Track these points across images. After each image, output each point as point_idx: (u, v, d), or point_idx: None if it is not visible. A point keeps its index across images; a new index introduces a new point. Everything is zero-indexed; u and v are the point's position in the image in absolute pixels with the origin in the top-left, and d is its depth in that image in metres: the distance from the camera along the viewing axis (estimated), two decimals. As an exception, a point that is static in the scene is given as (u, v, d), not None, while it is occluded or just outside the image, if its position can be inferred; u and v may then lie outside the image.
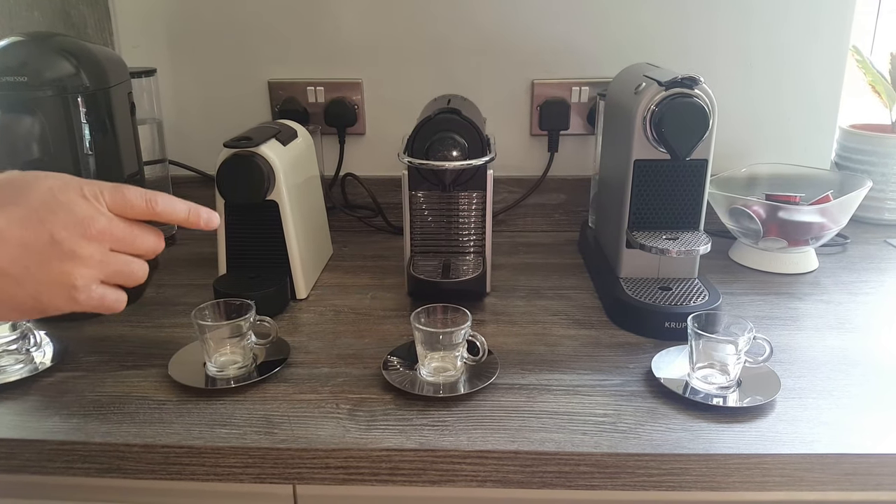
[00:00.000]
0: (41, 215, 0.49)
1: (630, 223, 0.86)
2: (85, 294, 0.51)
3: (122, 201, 0.53)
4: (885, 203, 1.16)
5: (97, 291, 0.52)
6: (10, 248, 0.48)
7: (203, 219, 0.58)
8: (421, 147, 0.85)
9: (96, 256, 0.51)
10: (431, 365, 0.72)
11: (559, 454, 0.61)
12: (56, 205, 0.50)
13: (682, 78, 0.79)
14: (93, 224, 0.51)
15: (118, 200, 0.53)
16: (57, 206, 0.50)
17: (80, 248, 0.50)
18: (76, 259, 0.50)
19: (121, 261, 0.53)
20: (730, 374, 0.68)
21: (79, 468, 0.64)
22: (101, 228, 0.51)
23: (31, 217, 0.49)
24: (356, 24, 1.14)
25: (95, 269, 0.52)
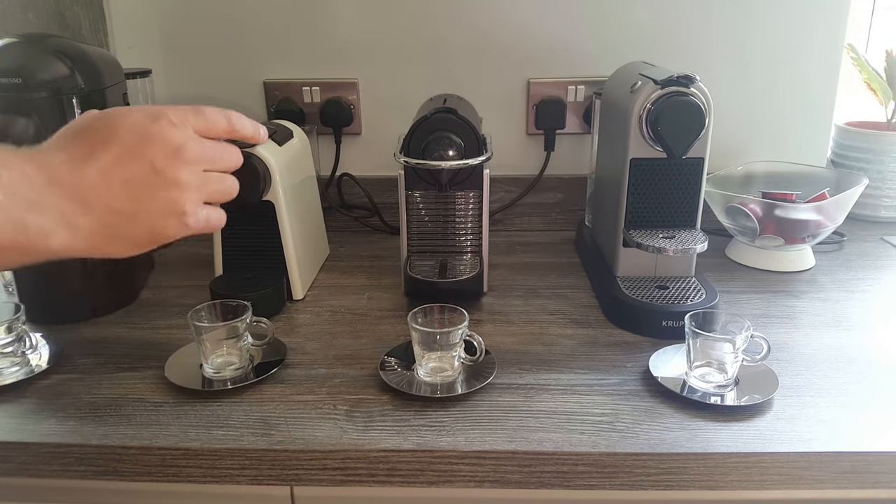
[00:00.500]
0: (138, 149, 0.49)
1: (627, 222, 0.86)
2: (193, 218, 0.52)
3: (205, 123, 0.54)
4: (881, 200, 1.16)
5: (203, 213, 0.54)
6: (116, 187, 0.48)
7: (261, 134, 0.61)
8: (417, 147, 0.85)
9: (196, 180, 0.52)
10: (429, 365, 0.71)
11: (557, 454, 0.61)
12: (149, 136, 0.50)
13: (677, 76, 0.79)
14: (187, 149, 0.51)
15: (202, 122, 0.54)
16: (150, 137, 0.50)
17: (181, 174, 0.51)
18: (180, 185, 0.51)
19: (216, 179, 0.55)
20: (727, 373, 0.68)
21: (75, 471, 0.64)
22: (196, 152, 0.52)
23: (128, 152, 0.49)
24: (352, 24, 1.14)
25: (198, 192, 0.53)
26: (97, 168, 0.48)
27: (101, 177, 0.48)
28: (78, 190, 0.47)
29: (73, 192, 0.47)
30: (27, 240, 0.46)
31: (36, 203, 0.46)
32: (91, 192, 0.48)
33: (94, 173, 0.48)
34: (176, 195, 0.51)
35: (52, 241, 0.47)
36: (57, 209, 0.47)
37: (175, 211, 0.51)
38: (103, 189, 0.48)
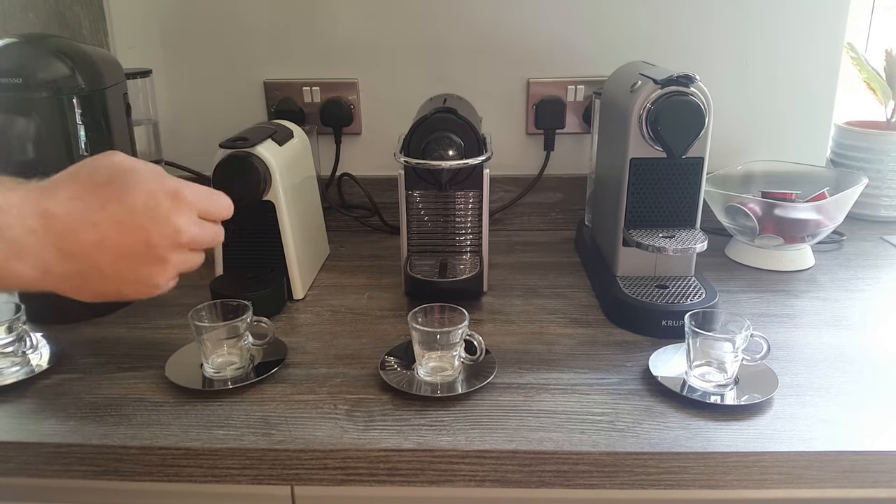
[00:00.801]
0: (141, 221, 0.51)
1: (626, 221, 0.87)
2: (158, 290, 0.55)
3: (214, 211, 0.58)
4: (880, 200, 1.16)
5: (169, 284, 0.57)
6: (108, 248, 0.50)
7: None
8: (417, 146, 0.85)
9: (180, 261, 0.55)
10: (429, 365, 0.71)
11: (557, 453, 0.61)
12: (156, 213, 0.52)
13: (677, 76, 0.79)
14: (185, 234, 0.54)
15: (211, 210, 0.57)
16: (157, 214, 0.52)
17: (170, 255, 0.54)
18: (165, 264, 0.54)
19: (194, 256, 0.58)
20: (727, 372, 0.68)
21: (76, 471, 0.64)
22: (192, 237, 0.55)
23: (132, 221, 0.51)
24: (352, 24, 1.14)
25: (175, 269, 0.56)
26: (97, 230, 0.50)
27: (98, 239, 0.50)
28: (72, 245, 0.49)
29: (67, 247, 0.49)
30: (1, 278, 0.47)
31: (25, 251, 0.47)
32: (83, 251, 0.49)
33: (91, 235, 0.49)
34: (157, 271, 0.54)
35: (22, 280, 0.48)
36: (44, 258, 0.48)
37: (149, 283, 0.54)
38: (95, 251, 0.50)
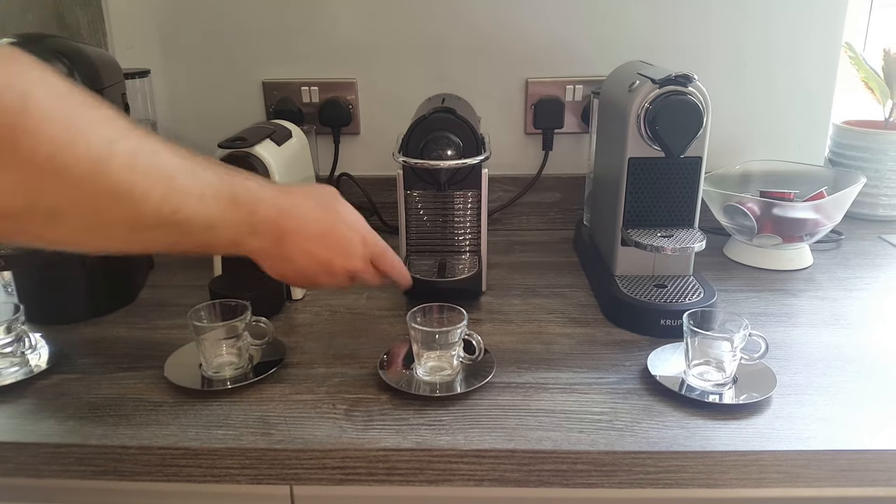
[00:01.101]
0: (334, 245, 0.66)
1: (625, 221, 0.87)
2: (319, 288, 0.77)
3: (380, 258, 0.70)
4: (878, 199, 1.16)
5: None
6: (308, 253, 0.64)
7: (406, 282, 0.75)
8: (416, 146, 0.85)
9: (344, 281, 0.69)
10: (428, 364, 0.72)
11: (556, 452, 0.61)
12: (347, 249, 0.67)
13: (675, 76, 0.79)
14: (357, 265, 0.68)
15: (378, 256, 0.70)
16: (346, 246, 0.67)
17: (340, 275, 0.68)
18: (333, 279, 0.68)
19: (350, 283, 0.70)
20: (725, 371, 0.68)
21: (75, 471, 0.64)
22: (360, 270, 0.69)
23: (328, 241, 0.65)
24: (350, 24, 1.14)
25: (337, 285, 0.69)
26: (307, 238, 0.63)
27: (304, 244, 0.63)
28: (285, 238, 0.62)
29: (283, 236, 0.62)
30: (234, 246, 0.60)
31: (257, 231, 0.60)
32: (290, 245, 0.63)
33: (300, 237, 0.63)
34: (326, 281, 0.67)
35: (243, 249, 0.61)
36: (266, 240, 0.61)
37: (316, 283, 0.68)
38: (299, 250, 0.63)
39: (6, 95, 0.41)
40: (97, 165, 0.46)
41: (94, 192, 0.46)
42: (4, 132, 0.41)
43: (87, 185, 0.46)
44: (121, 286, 0.91)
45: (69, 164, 0.44)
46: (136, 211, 0.49)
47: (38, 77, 0.44)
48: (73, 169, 0.45)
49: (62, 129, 0.44)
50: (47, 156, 0.43)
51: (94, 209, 0.48)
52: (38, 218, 0.46)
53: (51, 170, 0.44)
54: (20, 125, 0.42)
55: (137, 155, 0.48)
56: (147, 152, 0.49)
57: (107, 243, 0.52)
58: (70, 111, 0.45)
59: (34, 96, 0.42)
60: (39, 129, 0.43)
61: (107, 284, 0.89)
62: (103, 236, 0.51)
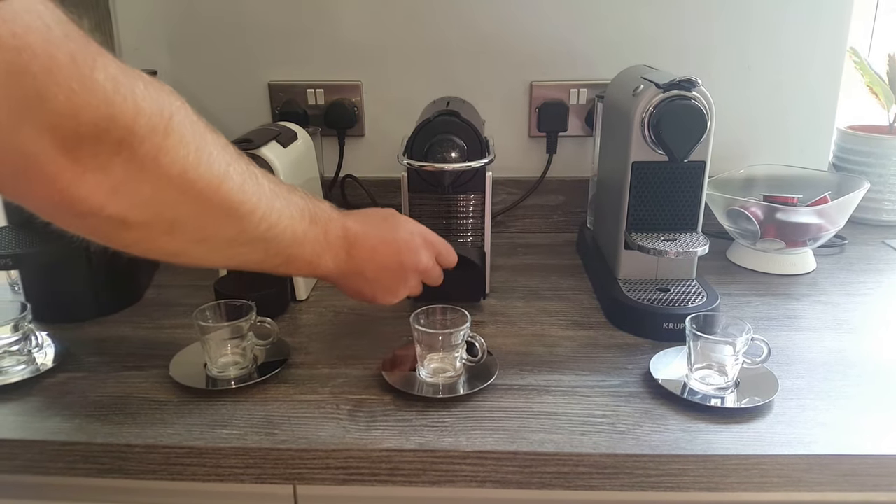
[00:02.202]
0: (400, 249, 0.71)
1: (628, 224, 0.87)
2: (397, 300, 0.74)
3: (443, 255, 0.76)
4: (882, 204, 1.16)
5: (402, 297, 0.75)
6: (376, 261, 0.69)
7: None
8: (420, 149, 0.85)
9: (414, 283, 0.74)
10: (431, 366, 0.72)
11: (558, 455, 0.61)
12: (412, 247, 0.72)
13: (680, 80, 0.80)
14: (426, 265, 0.73)
15: (441, 254, 0.76)
16: (412, 247, 0.72)
17: (411, 277, 0.73)
18: (406, 282, 0.73)
19: (420, 284, 0.76)
20: (728, 375, 0.69)
21: (80, 469, 0.64)
22: (428, 269, 0.74)
23: (394, 246, 0.70)
24: (356, 27, 1.15)
25: (409, 289, 0.74)
26: (374, 249, 0.69)
27: (374, 255, 0.69)
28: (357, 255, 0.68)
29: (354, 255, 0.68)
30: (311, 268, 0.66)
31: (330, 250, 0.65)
32: (361, 260, 0.68)
33: (369, 248, 0.68)
34: (401, 288, 0.73)
35: (320, 270, 0.66)
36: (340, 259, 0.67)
37: (392, 292, 0.73)
38: (369, 262, 0.69)
39: (157, 118, 0.46)
40: (217, 184, 0.52)
41: (211, 207, 0.52)
42: (150, 150, 0.46)
43: (206, 200, 0.52)
44: (126, 286, 0.92)
45: (194, 180, 0.50)
46: (240, 225, 0.55)
47: (179, 104, 0.49)
48: (197, 185, 0.50)
49: (193, 150, 0.49)
50: (179, 173, 0.49)
51: (208, 223, 0.54)
52: (159, 229, 0.51)
53: (179, 186, 0.49)
54: (164, 145, 0.47)
55: (246, 178, 0.55)
56: (252, 176, 0.56)
57: (210, 255, 0.58)
58: (199, 136, 0.50)
59: (175, 120, 0.48)
60: (178, 149, 0.48)
61: (112, 284, 0.89)
62: (209, 248, 0.56)
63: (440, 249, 0.76)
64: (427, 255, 0.73)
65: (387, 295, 0.72)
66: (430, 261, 0.74)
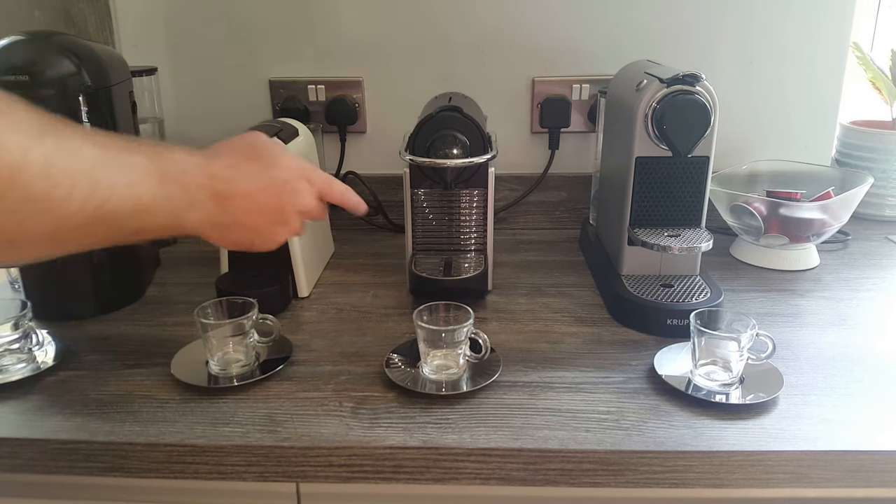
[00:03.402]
0: (279, 191, 0.63)
1: (632, 220, 0.86)
2: (273, 243, 0.66)
3: (328, 190, 0.69)
4: (886, 199, 1.16)
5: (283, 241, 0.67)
6: (252, 207, 0.62)
7: (362, 209, 0.73)
8: (422, 145, 0.85)
9: (298, 225, 0.67)
10: (434, 363, 0.72)
11: (562, 451, 0.61)
12: (291, 189, 0.64)
13: (683, 75, 0.79)
14: (308, 204, 0.66)
15: (325, 189, 0.68)
16: (293, 188, 0.65)
17: (293, 219, 0.66)
18: (287, 225, 0.66)
19: (303, 225, 0.69)
20: (732, 371, 0.68)
21: (82, 467, 0.64)
22: (311, 208, 0.67)
23: (272, 190, 0.63)
24: (357, 23, 1.14)
25: (292, 231, 0.67)
26: (246, 192, 0.61)
27: (246, 199, 0.61)
28: (227, 200, 0.60)
29: (223, 201, 0.60)
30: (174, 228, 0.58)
31: (197, 204, 0.58)
32: (233, 206, 0.61)
33: (242, 195, 0.61)
34: (281, 231, 0.66)
35: (189, 226, 0.59)
36: (207, 210, 0.59)
37: (275, 239, 0.66)
38: (242, 208, 0.61)
39: None
40: (11, 177, 0.44)
41: (10, 204, 0.44)
42: None
43: (2, 199, 0.44)
44: (127, 283, 0.92)
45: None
46: (57, 215, 0.47)
47: None
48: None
49: None
50: None
51: (13, 222, 0.46)
52: None
53: None
54: None
55: (54, 158, 0.46)
56: (66, 151, 0.48)
57: (29, 252, 0.50)
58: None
59: None
60: None
61: (114, 282, 0.89)
62: (23, 246, 0.49)
63: (321, 186, 0.68)
64: (309, 194, 0.66)
65: (267, 241, 0.66)
66: (312, 200, 0.67)
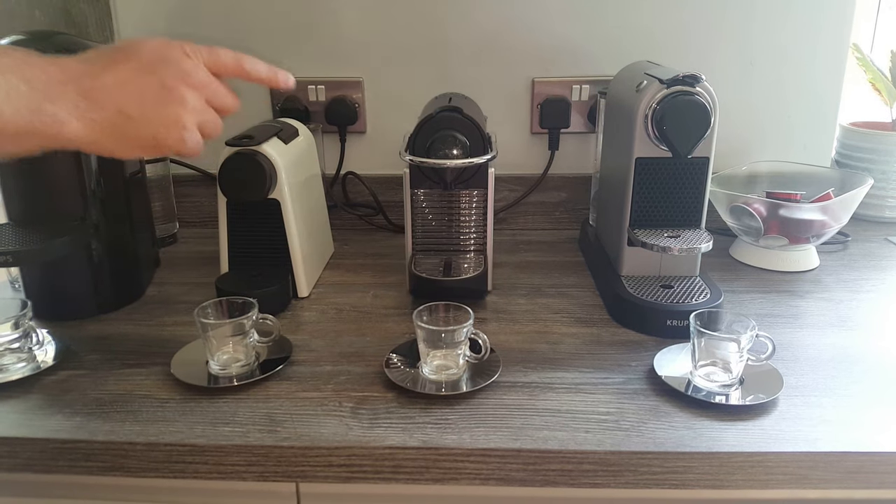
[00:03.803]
0: (153, 67, 0.57)
1: (631, 221, 0.87)
2: (191, 135, 0.59)
3: (216, 60, 0.61)
4: (885, 201, 1.16)
5: (197, 135, 0.60)
6: (128, 93, 0.56)
7: (282, 79, 0.67)
8: (422, 145, 0.85)
9: (198, 105, 0.60)
10: (434, 363, 0.72)
11: (562, 452, 0.61)
12: (165, 58, 0.58)
13: (683, 76, 0.79)
14: (195, 76, 0.59)
15: (213, 59, 0.61)
16: (166, 59, 0.58)
17: (186, 94, 0.58)
18: (185, 104, 0.58)
19: (211, 112, 0.62)
20: (732, 372, 0.68)
21: (82, 467, 0.64)
22: (201, 80, 0.60)
23: (144, 68, 0.57)
24: (357, 23, 1.14)
25: (197, 115, 0.60)
26: (114, 76, 0.55)
27: (116, 83, 0.55)
28: (93, 90, 0.55)
29: (89, 91, 0.55)
30: (43, 125, 0.53)
31: (54, 95, 0.53)
32: (105, 94, 0.55)
33: (110, 80, 0.55)
34: (179, 111, 0.58)
35: (65, 129, 0.54)
36: (72, 102, 0.54)
37: (176, 124, 0.58)
38: (116, 93, 0.55)
39: None
40: None
41: None
42: None
43: None
44: (127, 283, 0.92)
45: None
46: None
47: None
48: None
49: None
50: None
51: None
52: None
53: None
54: None
55: None
56: None
57: None
58: None
59: None
60: None
61: (113, 281, 0.89)
62: None
63: (206, 56, 0.61)
64: (193, 64, 0.59)
65: (171, 130, 0.58)
66: (199, 71, 0.59)
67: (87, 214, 0.84)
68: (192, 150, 0.60)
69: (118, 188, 0.88)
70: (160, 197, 1.09)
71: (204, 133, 0.61)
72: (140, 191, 0.96)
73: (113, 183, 0.87)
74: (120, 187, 0.88)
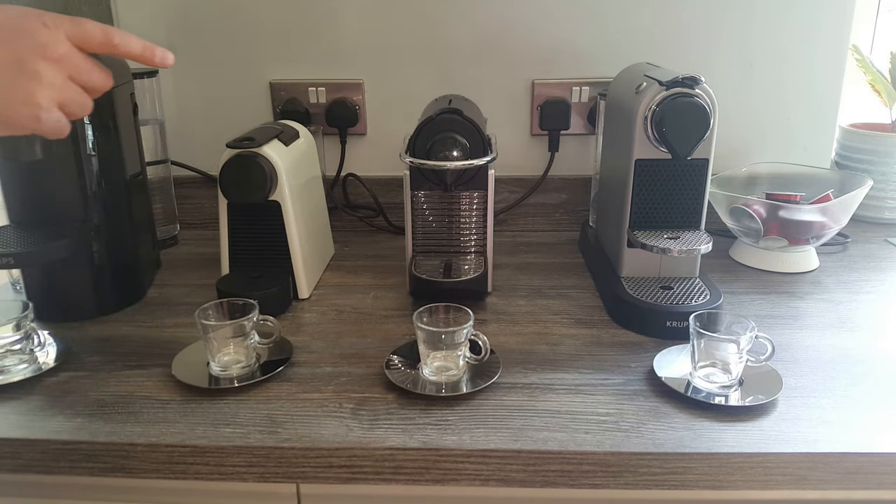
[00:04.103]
0: (6, 39, 0.53)
1: (631, 222, 0.87)
2: (47, 114, 0.55)
3: (80, 32, 0.56)
4: (885, 202, 1.16)
5: (56, 114, 0.56)
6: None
7: (158, 56, 0.61)
8: (422, 147, 0.85)
9: (57, 80, 0.55)
10: (434, 364, 0.72)
11: (562, 453, 0.61)
12: (19, 30, 0.53)
13: (682, 77, 0.79)
14: (54, 49, 0.54)
15: (77, 31, 0.56)
16: (20, 31, 0.53)
17: (43, 69, 0.54)
18: (40, 80, 0.54)
19: (75, 90, 0.57)
20: (732, 374, 0.68)
21: (83, 468, 0.64)
22: (62, 54, 0.55)
23: (3, 45, 0.52)
24: (357, 25, 1.14)
25: (55, 92, 0.55)
26: None
27: None
28: None
29: None
30: None
31: None
32: None
33: None
34: (34, 87, 0.54)
35: None
36: None
37: (30, 101, 0.54)
38: None
39: None
40: None
41: None
42: None
43: None
44: (128, 285, 0.92)
45: None
46: None
47: None
48: None
49: None
50: None
51: None
52: None
53: None
54: None
55: None
56: None
57: None
58: None
59: None
60: None
61: (114, 283, 0.89)
62: None
63: (69, 28, 0.55)
64: (52, 35, 0.54)
65: (23, 107, 0.53)
66: (60, 42, 0.54)
67: (88, 216, 0.84)
68: (52, 129, 0.56)
69: (119, 190, 0.88)
70: (161, 199, 1.09)
71: (67, 112, 0.56)
72: (141, 193, 0.96)
73: (114, 185, 0.87)
74: (121, 189, 0.89)
